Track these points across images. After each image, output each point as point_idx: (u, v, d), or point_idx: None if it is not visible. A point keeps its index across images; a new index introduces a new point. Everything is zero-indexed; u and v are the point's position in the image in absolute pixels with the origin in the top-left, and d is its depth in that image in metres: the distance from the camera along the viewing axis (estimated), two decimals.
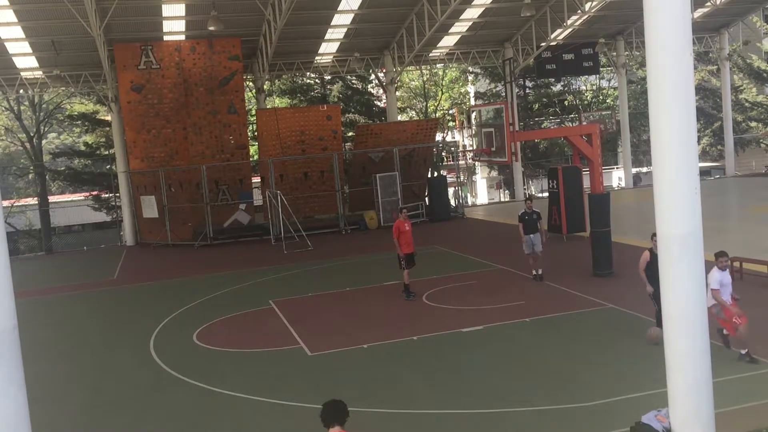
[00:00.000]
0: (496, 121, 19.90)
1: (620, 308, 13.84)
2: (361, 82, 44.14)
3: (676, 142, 7.25)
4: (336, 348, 12.86)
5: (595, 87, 50.65)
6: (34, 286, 22.59)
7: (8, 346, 5.85)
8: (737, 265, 15.49)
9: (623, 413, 8.69)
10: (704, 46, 39.77)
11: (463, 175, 43.37)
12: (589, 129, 20.27)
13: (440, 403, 9.84)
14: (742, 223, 24.29)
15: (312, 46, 32.88)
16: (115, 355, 13.75)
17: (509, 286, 16.83)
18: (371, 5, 28.90)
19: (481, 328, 13.33)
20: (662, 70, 7.21)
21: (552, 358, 11.36)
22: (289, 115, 32.11)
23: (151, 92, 29.31)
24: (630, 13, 33.33)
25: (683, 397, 7.55)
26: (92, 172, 41.67)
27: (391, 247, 16.91)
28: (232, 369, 12.22)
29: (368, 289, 17.71)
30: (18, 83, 31.31)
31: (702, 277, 7.49)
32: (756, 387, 9.44)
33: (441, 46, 35.47)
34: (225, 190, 30.18)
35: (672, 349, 7.57)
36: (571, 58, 35.21)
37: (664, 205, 7.43)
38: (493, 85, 46.80)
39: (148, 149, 29.59)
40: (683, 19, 7.13)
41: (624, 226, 22.21)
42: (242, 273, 21.29)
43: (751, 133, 46.25)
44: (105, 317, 17.74)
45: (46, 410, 10.49)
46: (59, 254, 34.39)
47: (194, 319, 15.84)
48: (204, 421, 10.06)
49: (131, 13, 26.56)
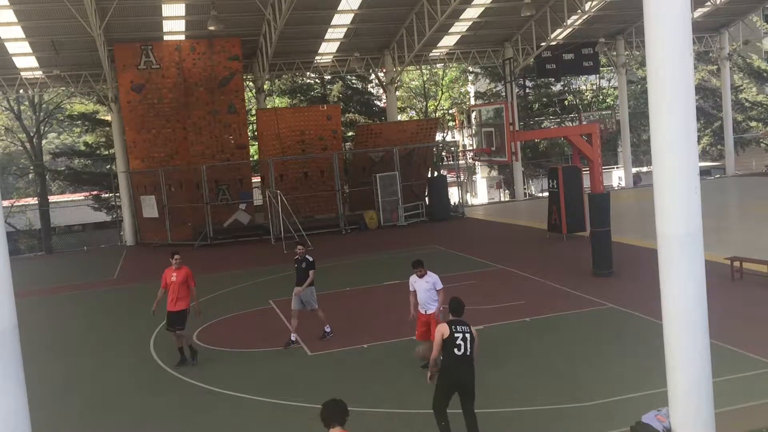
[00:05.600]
0: (496, 120, 19.91)
1: (620, 308, 13.84)
2: (361, 82, 44.13)
3: (676, 142, 7.25)
4: (336, 348, 12.86)
5: (595, 87, 50.64)
6: (34, 286, 22.57)
7: (8, 346, 5.85)
8: (737, 265, 15.49)
9: (623, 413, 8.69)
10: (704, 45, 39.77)
11: (463, 174, 43.32)
12: (589, 129, 20.28)
13: None
14: (742, 223, 24.29)
15: (312, 46, 32.88)
16: (115, 355, 13.75)
17: (509, 286, 16.83)
18: (371, 5, 28.89)
19: (481, 328, 13.31)
20: (662, 70, 7.20)
21: (552, 358, 11.36)
22: (289, 115, 32.13)
23: (151, 92, 29.31)
24: (630, 12, 33.32)
25: (683, 397, 7.54)
26: (92, 172, 41.67)
27: (391, 247, 16.88)
28: (232, 369, 12.22)
29: (368, 289, 17.71)
30: (18, 83, 31.31)
31: (702, 277, 7.48)
32: (756, 387, 9.43)
33: (441, 45, 35.47)
34: (225, 190, 30.18)
35: (672, 349, 7.57)
36: (571, 58, 35.21)
37: (664, 205, 7.43)
38: (493, 85, 46.79)
39: (148, 149, 29.59)
40: (683, 18, 7.13)
41: (624, 225, 22.19)
42: (242, 273, 21.29)
43: (751, 132, 46.23)
44: (105, 317, 17.73)
45: (46, 410, 10.49)
46: (59, 254, 34.42)
47: (194, 318, 15.81)
48: (204, 421, 10.05)
49: (131, 12, 26.56)
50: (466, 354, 8.11)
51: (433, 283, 10.90)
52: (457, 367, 8.11)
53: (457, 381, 8.15)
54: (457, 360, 8.08)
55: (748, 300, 13.87)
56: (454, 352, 8.06)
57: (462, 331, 8.15)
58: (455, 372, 8.11)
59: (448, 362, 8.12)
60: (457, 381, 8.16)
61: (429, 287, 10.85)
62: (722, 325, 11.08)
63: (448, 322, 8.26)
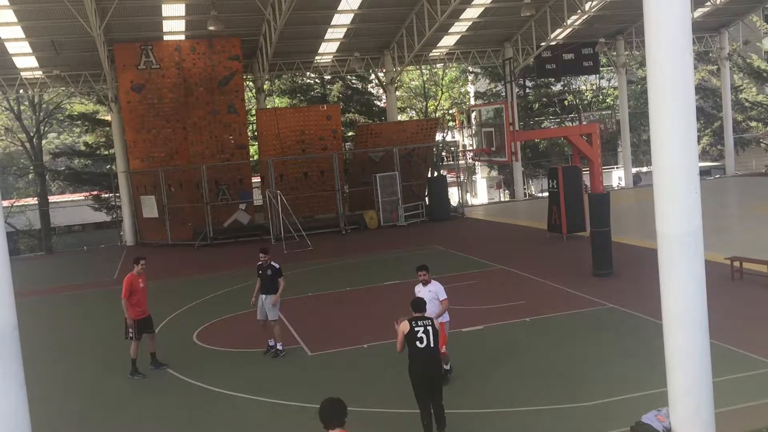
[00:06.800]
0: (496, 120, 19.91)
1: (620, 308, 13.84)
2: (361, 81, 44.14)
3: (676, 142, 7.25)
4: (336, 348, 12.86)
5: (595, 87, 50.64)
6: (34, 286, 22.58)
7: (8, 346, 5.85)
8: (737, 265, 15.49)
9: (623, 413, 8.69)
10: (704, 45, 39.75)
11: (463, 174, 43.34)
12: (589, 129, 20.28)
13: None
14: (742, 223, 24.29)
15: (312, 46, 32.88)
16: (115, 355, 13.73)
17: (509, 286, 16.83)
18: (371, 5, 28.90)
19: (481, 327, 13.33)
20: (662, 70, 7.20)
21: (552, 358, 11.36)
22: (289, 114, 32.13)
23: (151, 92, 29.30)
24: (630, 12, 33.31)
25: (683, 397, 7.55)
26: (92, 172, 41.67)
27: (391, 247, 16.88)
28: (232, 369, 12.22)
29: (368, 289, 17.72)
30: (18, 83, 31.30)
31: (702, 277, 7.48)
32: (756, 387, 9.43)
33: (441, 45, 35.46)
34: (225, 190, 30.17)
35: (672, 348, 7.57)
36: (571, 58, 35.19)
37: (664, 205, 7.43)
38: (493, 85, 46.80)
39: (148, 149, 29.59)
40: (683, 18, 7.13)
41: (624, 226, 22.19)
42: (242, 273, 21.26)
43: (751, 132, 46.25)
44: (105, 317, 17.69)
45: (46, 410, 10.48)
46: (59, 254, 34.41)
47: (194, 319, 15.85)
48: (204, 421, 10.05)
49: (131, 13, 26.56)
50: (430, 346, 8.46)
51: (436, 293, 10.33)
52: (421, 359, 8.44)
53: (423, 373, 8.47)
54: (419, 352, 8.45)
55: (748, 300, 13.87)
56: (416, 345, 8.46)
57: (423, 324, 8.55)
58: (419, 365, 8.46)
59: (412, 356, 8.50)
60: (423, 373, 8.47)
61: (432, 297, 10.26)
62: (722, 325, 11.08)
63: (409, 319, 8.64)
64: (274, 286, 12.41)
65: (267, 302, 12.37)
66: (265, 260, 12.53)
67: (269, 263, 12.50)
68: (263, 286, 12.49)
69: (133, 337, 12.14)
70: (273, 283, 12.41)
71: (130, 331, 12.14)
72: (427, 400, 8.52)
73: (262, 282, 12.51)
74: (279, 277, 12.45)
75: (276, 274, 12.44)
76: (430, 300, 10.07)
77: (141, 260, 12.61)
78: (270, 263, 12.51)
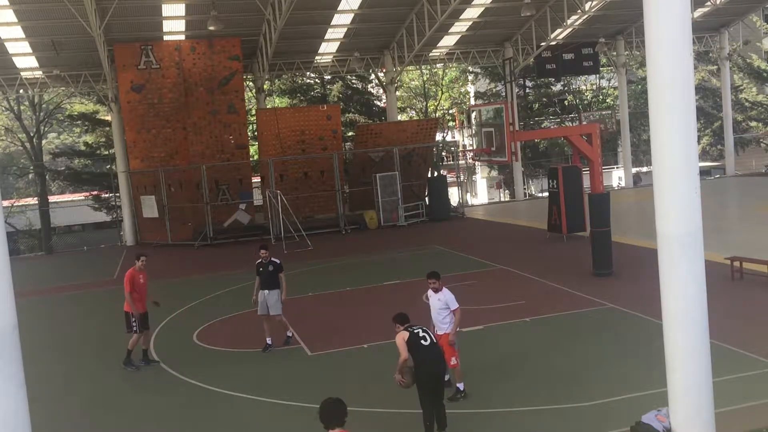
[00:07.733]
0: (496, 120, 19.89)
1: (620, 308, 13.84)
2: (361, 81, 44.13)
3: (676, 142, 7.25)
4: (336, 348, 12.86)
5: (595, 87, 50.64)
6: (34, 286, 22.58)
7: (8, 346, 5.85)
8: (737, 265, 15.49)
9: (623, 413, 8.69)
10: (704, 45, 39.75)
11: (463, 174, 43.33)
12: (589, 129, 20.27)
13: None
14: (742, 223, 24.29)
15: (312, 46, 32.87)
16: (115, 355, 13.71)
17: (509, 285, 16.83)
18: (371, 5, 28.89)
19: (481, 327, 13.33)
20: (662, 70, 7.21)
21: (552, 358, 11.36)
22: (289, 114, 32.11)
23: (151, 92, 29.30)
24: (630, 12, 33.31)
25: (683, 397, 7.55)
26: (92, 172, 41.67)
27: (391, 247, 16.88)
28: (232, 369, 12.22)
29: (368, 289, 17.72)
30: (18, 83, 31.29)
31: (702, 277, 7.48)
32: (756, 387, 9.43)
33: (441, 45, 35.46)
34: (225, 190, 30.17)
35: (672, 349, 7.57)
36: (571, 58, 35.17)
37: (664, 205, 7.43)
38: (493, 85, 46.80)
39: (148, 149, 29.58)
40: (683, 18, 7.13)
41: (624, 226, 22.20)
42: (242, 273, 21.25)
43: (751, 132, 46.25)
44: (105, 317, 17.69)
45: (46, 410, 10.48)
46: (59, 254, 34.40)
47: (194, 319, 15.84)
48: (204, 421, 10.05)
49: (131, 13, 26.55)
50: (433, 342, 8.68)
51: (446, 302, 9.84)
52: (430, 356, 8.51)
53: (435, 370, 8.57)
54: (427, 350, 8.51)
55: (748, 300, 13.88)
56: (421, 344, 8.51)
57: (419, 327, 8.74)
58: (430, 362, 8.51)
59: (421, 356, 8.50)
60: (436, 370, 8.57)
61: (442, 306, 9.84)
62: (722, 325, 11.08)
63: (404, 328, 8.70)
64: (276, 282, 12.67)
65: (270, 297, 12.60)
66: (266, 256, 12.77)
67: (270, 259, 12.77)
68: (264, 282, 12.70)
69: (136, 330, 12.46)
70: (274, 278, 12.68)
71: (134, 325, 12.44)
72: (432, 401, 8.53)
73: (263, 279, 12.74)
74: (280, 273, 12.74)
75: (277, 270, 12.73)
76: (440, 309, 9.85)
77: (142, 256, 12.84)
78: (270, 259, 12.79)
